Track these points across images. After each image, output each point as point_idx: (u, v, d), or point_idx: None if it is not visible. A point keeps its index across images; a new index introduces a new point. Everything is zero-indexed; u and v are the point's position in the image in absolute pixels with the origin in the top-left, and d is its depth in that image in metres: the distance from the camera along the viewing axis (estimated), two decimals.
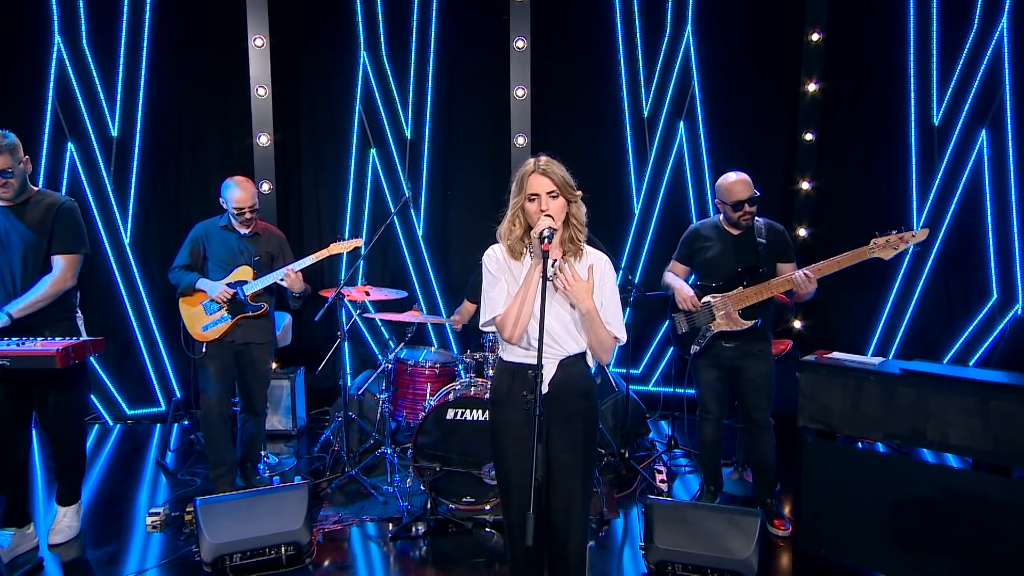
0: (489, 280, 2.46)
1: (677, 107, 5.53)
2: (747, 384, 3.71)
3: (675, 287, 3.77)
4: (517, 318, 2.37)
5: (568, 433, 2.45)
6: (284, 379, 5.07)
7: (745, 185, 3.60)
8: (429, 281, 5.70)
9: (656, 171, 5.63)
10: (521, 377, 2.42)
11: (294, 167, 5.66)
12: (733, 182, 3.61)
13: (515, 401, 2.42)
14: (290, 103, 5.54)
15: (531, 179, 2.36)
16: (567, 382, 2.43)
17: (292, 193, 5.68)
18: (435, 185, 5.71)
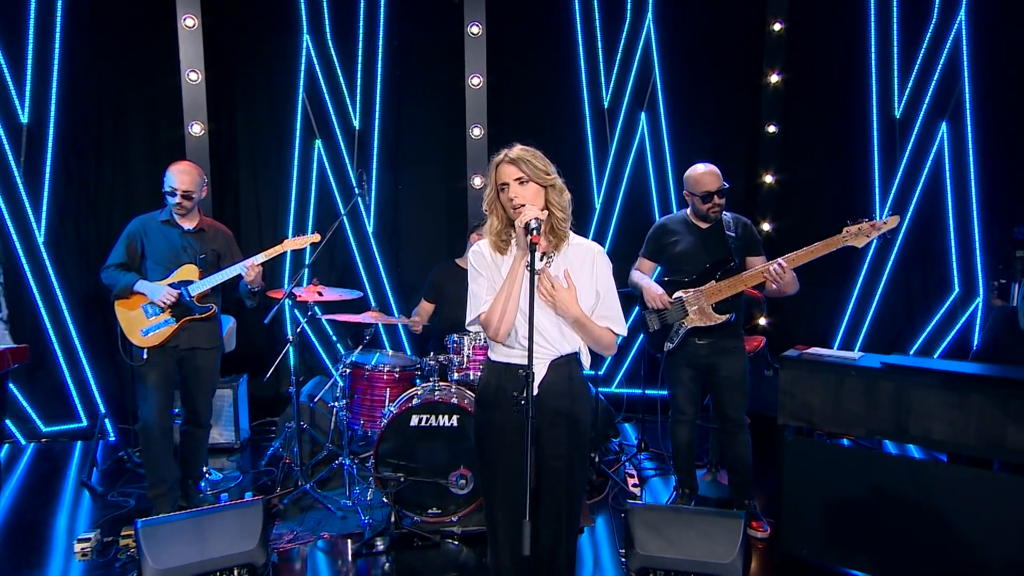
0: (474, 277, 2.45)
1: (638, 98, 5.57)
2: (722, 382, 3.72)
3: (643, 286, 3.77)
4: (503, 314, 2.35)
5: (558, 439, 2.42)
6: (226, 387, 4.92)
7: (714, 176, 3.62)
8: (380, 280, 5.63)
9: (617, 164, 5.66)
10: (510, 377, 2.39)
11: (230, 159, 5.52)
12: (702, 173, 3.63)
13: (503, 403, 2.39)
14: (225, 89, 5.41)
15: (499, 169, 2.37)
16: (558, 384, 2.41)
17: (228, 187, 5.54)
18: (385, 179, 5.63)
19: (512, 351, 2.43)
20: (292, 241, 4.01)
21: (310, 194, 5.51)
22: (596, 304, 2.43)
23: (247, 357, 5.32)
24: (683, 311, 3.71)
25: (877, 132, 5.34)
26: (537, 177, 2.35)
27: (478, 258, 2.46)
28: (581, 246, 2.45)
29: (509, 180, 2.37)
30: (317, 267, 5.47)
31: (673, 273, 3.78)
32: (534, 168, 2.37)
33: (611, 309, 2.45)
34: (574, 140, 5.53)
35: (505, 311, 2.35)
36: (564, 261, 2.43)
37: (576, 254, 2.44)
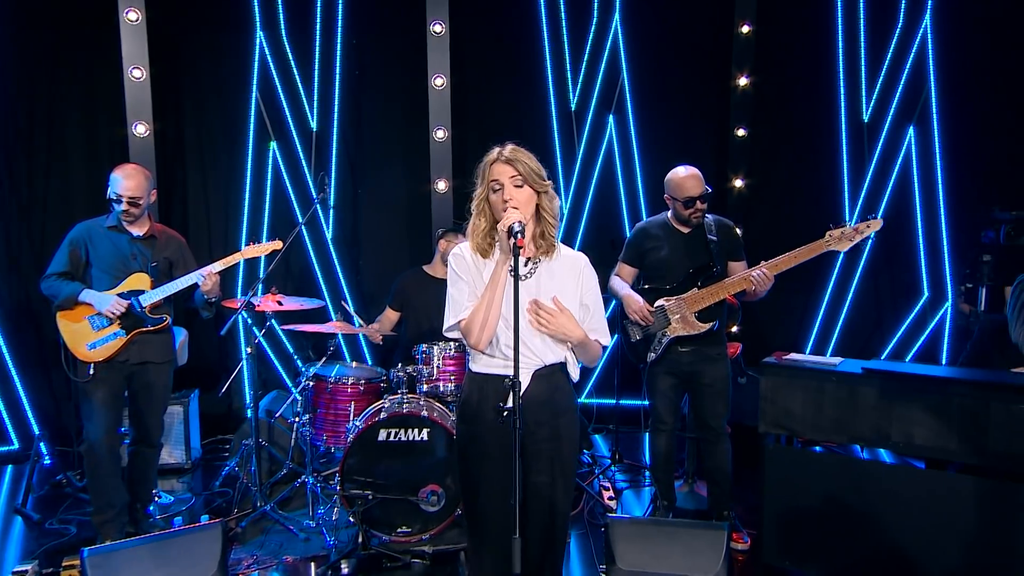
0: (454, 281, 2.41)
1: (606, 100, 5.59)
2: (704, 390, 3.72)
3: (625, 296, 3.75)
4: (484, 321, 2.31)
5: (544, 454, 2.39)
6: (177, 404, 4.79)
7: (697, 180, 3.62)
8: (340, 288, 5.54)
9: (585, 168, 5.66)
10: (492, 389, 2.37)
11: (177, 161, 5.40)
12: (684, 177, 3.62)
13: (485, 417, 2.37)
14: (172, 88, 5.29)
15: (493, 168, 2.34)
16: (543, 395, 2.38)
17: (176, 192, 5.42)
18: (345, 182, 5.56)
19: (493, 360, 2.40)
20: (252, 248, 3.94)
21: (265, 199, 5.42)
22: (584, 317, 2.42)
23: (198, 371, 5.20)
24: (665, 320, 3.70)
25: (846, 136, 5.43)
26: (532, 180, 2.34)
27: (459, 262, 2.42)
28: (569, 257, 2.44)
29: (504, 180, 2.34)
30: (273, 275, 5.23)
31: (654, 280, 3.77)
32: (530, 170, 2.35)
33: (599, 321, 2.46)
34: (541, 143, 5.54)
35: (487, 318, 2.32)
36: (549, 271, 2.41)
37: (562, 265, 2.43)
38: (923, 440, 3.19)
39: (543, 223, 2.38)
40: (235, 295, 5.21)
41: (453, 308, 2.40)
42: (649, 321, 3.65)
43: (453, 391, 4.06)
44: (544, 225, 2.38)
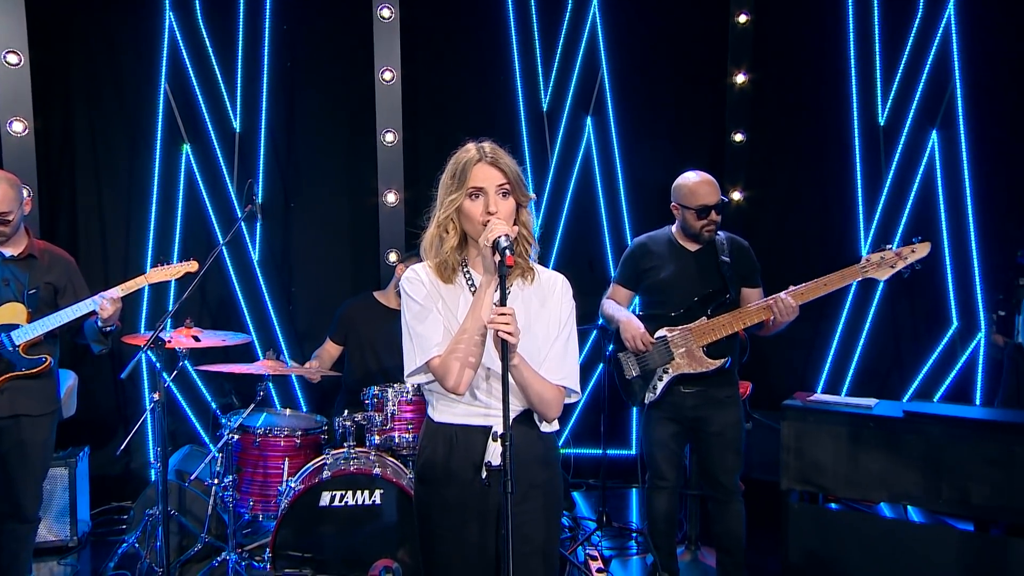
0: (415, 312, 2.31)
1: (583, 100, 5.58)
2: (712, 439, 3.65)
3: (621, 320, 3.70)
4: (465, 360, 2.23)
5: (526, 516, 2.32)
6: (60, 466, 4.53)
7: (712, 187, 3.61)
8: (268, 320, 5.43)
9: (559, 178, 5.64)
10: (464, 443, 2.30)
11: (65, 167, 5.24)
12: (697, 183, 3.61)
13: (455, 476, 2.31)
14: (59, 78, 5.15)
15: (475, 170, 2.26)
16: (527, 447, 2.31)
17: (62, 203, 5.25)
18: (274, 194, 5.45)
19: (465, 408, 2.32)
20: (160, 271, 3.86)
21: (175, 214, 5.28)
22: (545, 351, 2.34)
23: (91, 424, 5.02)
24: (668, 354, 3.66)
25: (859, 141, 5.41)
26: (519, 189, 2.28)
27: (416, 287, 2.33)
28: (547, 280, 2.39)
29: (489, 187, 2.26)
30: (187, 306, 4.98)
31: (655, 305, 3.73)
32: (517, 176, 2.29)
33: (567, 360, 2.35)
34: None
35: (468, 356, 2.22)
36: (525, 298, 2.35)
37: (541, 290, 2.37)
38: (982, 499, 3.07)
39: (520, 240, 2.31)
40: (138, 329, 5.07)
41: (420, 345, 2.29)
42: (645, 349, 3.60)
43: (411, 443, 4.01)
44: (522, 243, 2.32)
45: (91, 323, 3.67)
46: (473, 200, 2.26)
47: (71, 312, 3.61)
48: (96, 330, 3.66)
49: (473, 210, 2.26)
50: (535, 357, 2.30)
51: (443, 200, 2.29)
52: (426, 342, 2.28)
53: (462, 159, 2.28)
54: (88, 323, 3.69)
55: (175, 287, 5.08)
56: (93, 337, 3.71)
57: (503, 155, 2.30)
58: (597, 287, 4.35)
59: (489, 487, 2.14)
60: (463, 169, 2.27)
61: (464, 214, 2.27)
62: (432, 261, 2.35)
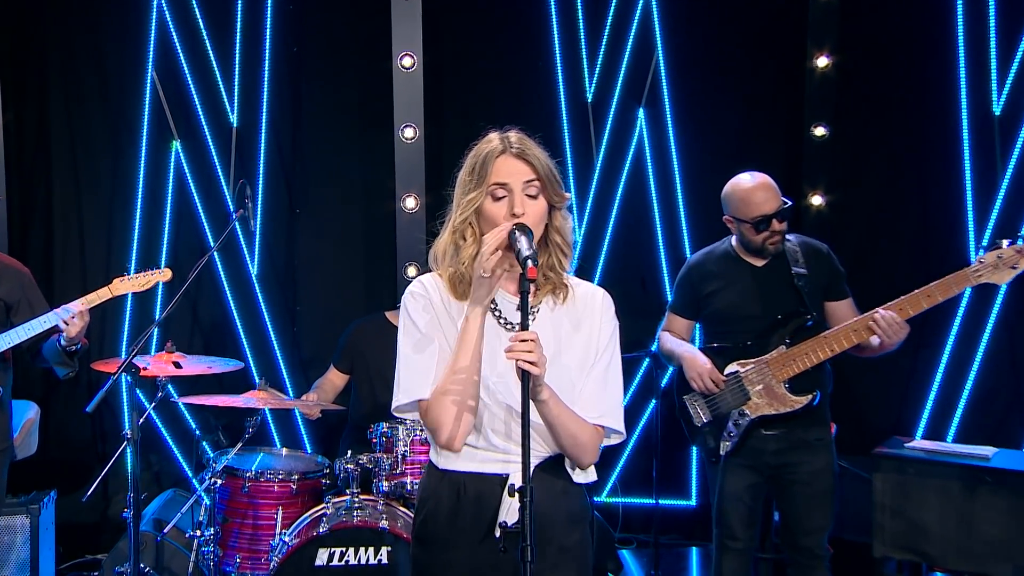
0: (411, 336, 2.27)
1: (634, 89, 5.47)
2: (798, 491, 3.55)
3: (683, 355, 3.65)
4: (461, 408, 2.17)
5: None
6: (19, 513, 4.45)
7: (770, 192, 3.53)
8: (268, 344, 5.43)
9: (606, 179, 5.52)
10: (475, 496, 2.23)
11: (41, 166, 5.32)
12: (751, 188, 3.54)
13: (463, 536, 2.24)
14: (30, 64, 5.23)
15: (498, 164, 2.21)
16: (551, 502, 2.24)
17: (36, 206, 5.33)
18: (277, 199, 5.46)
19: (477, 453, 2.25)
20: (128, 281, 3.88)
21: (163, 217, 5.34)
22: (580, 382, 2.26)
23: (59, 464, 5.11)
24: (742, 394, 3.56)
25: (968, 133, 5.14)
26: (551, 187, 2.23)
27: (419, 304, 2.28)
28: (584, 296, 2.32)
29: (515, 184, 2.19)
30: (172, 325, 5.26)
31: (721, 336, 3.66)
32: (549, 172, 2.23)
33: (607, 393, 2.27)
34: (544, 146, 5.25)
35: (465, 401, 2.16)
36: (555, 319, 2.28)
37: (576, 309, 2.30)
38: None
39: (553, 250, 2.27)
40: (116, 354, 5.08)
41: (411, 379, 2.24)
42: (713, 389, 3.55)
43: None
44: (555, 253, 2.27)
45: (52, 343, 3.67)
46: (496, 201, 2.19)
47: (28, 329, 3.62)
48: (59, 350, 3.65)
49: (495, 212, 2.19)
50: (567, 390, 2.21)
51: (460, 200, 2.24)
52: (418, 376, 2.22)
53: (483, 151, 2.22)
54: (49, 343, 3.69)
55: (162, 304, 5.12)
56: (56, 359, 3.71)
57: (532, 146, 2.24)
58: (650, 308, 4.38)
59: (505, 552, 2.02)
60: (483, 163, 2.20)
61: (484, 217, 2.21)
62: (444, 274, 2.28)
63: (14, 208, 5.09)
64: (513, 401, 2.16)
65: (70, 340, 3.61)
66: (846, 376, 4.73)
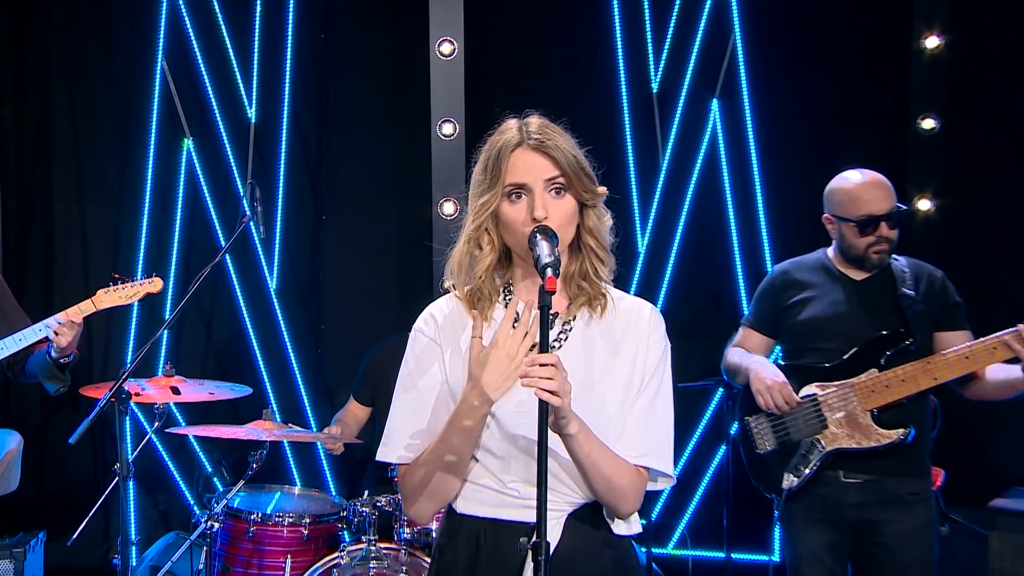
0: (403, 383, 2.27)
1: (707, 77, 5.37)
2: (883, 560, 3.41)
3: (750, 367, 3.57)
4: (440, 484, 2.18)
5: None
6: (2, 557, 4.48)
7: (880, 190, 3.44)
8: (288, 370, 5.39)
9: (674, 181, 5.39)
10: (495, 547, 2.16)
11: (40, 165, 5.37)
12: (859, 185, 3.46)
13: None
14: (30, 53, 5.32)
15: (514, 159, 2.14)
16: (585, 556, 2.17)
17: (35, 208, 5.39)
18: (300, 204, 5.47)
19: (498, 496, 2.17)
20: (113, 293, 3.87)
21: (173, 222, 5.35)
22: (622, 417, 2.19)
23: (51, 502, 5.13)
24: (818, 420, 3.45)
25: None
26: (579, 182, 2.13)
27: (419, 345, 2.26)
28: (627, 311, 2.24)
29: (535, 181, 2.11)
30: (183, 346, 5.39)
31: (802, 354, 3.56)
32: (575, 164, 2.13)
33: (653, 428, 2.19)
34: (604, 141, 5.31)
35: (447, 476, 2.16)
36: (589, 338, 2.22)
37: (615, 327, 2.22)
38: None
39: (587, 255, 2.20)
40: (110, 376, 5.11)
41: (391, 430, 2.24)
42: (783, 407, 3.46)
43: None
44: (589, 258, 2.20)
45: (40, 355, 3.70)
46: (514, 201, 2.11)
47: (12, 343, 3.68)
48: (48, 363, 3.67)
49: (513, 216, 2.11)
50: (604, 423, 2.12)
51: (474, 203, 2.20)
52: (397, 435, 2.20)
53: (496, 144, 2.16)
54: (36, 355, 3.73)
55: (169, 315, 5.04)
56: (45, 372, 3.73)
57: (555, 133, 2.15)
58: (723, 330, 4.21)
59: None
60: (497, 159, 2.13)
61: (503, 222, 2.14)
62: (460, 288, 2.22)
63: (11, 210, 5.14)
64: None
65: (61, 351, 3.62)
66: (958, 414, 4.61)
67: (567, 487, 2.15)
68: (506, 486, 2.15)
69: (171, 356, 5.17)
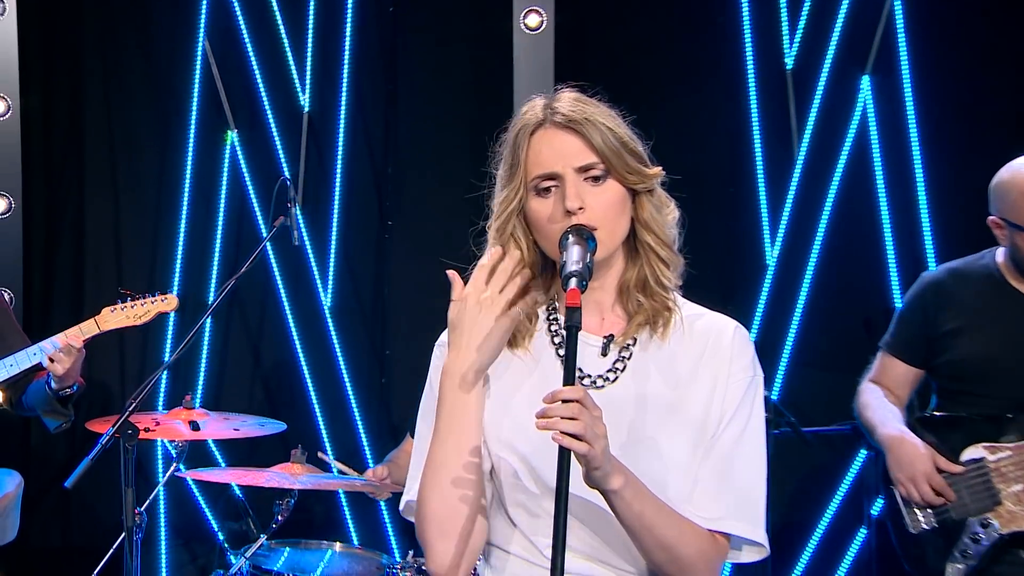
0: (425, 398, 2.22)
1: (855, 52, 5.10)
2: None
3: (888, 441, 3.41)
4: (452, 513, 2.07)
5: None
6: None
7: None
8: (344, 401, 5.28)
9: (812, 172, 5.14)
10: None
11: (71, 160, 5.43)
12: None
13: None
14: (54, 41, 5.38)
15: (537, 141, 2.06)
16: None
17: (66, 208, 5.44)
18: (360, 206, 5.42)
19: (525, 567, 2.09)
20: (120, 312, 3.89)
21: (215, 224, 5.34)
22: (694, 468, 2.06)
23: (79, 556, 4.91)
24: (988, 494, 3.27)
25: None
26: (623, 164, 2.02)
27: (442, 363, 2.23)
28: (705, 331, 2.13)
29: (566, 168, 2.01)
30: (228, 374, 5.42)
31: (962, 400, 3.40)
32: (615, 142, 2.01)
33: (739, 484, 2.06)
34: (723, 132, 5.27)
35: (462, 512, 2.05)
36: (652, 365, 2.10)
37: (687, 352, 2.11)
38: None
39: (645, 256, 2.08)
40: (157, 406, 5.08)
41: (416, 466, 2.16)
42: (934, 502, 3.31)
43: None
44: (648, 261, 2.08)
45: (40, 385, 3.71)
46: (543, 196, 2.02)
47: (3, 369, 3.71)
48: (48, 395, 3.68)
49: (542, 212, 2.02)
50: (669, 477, 1.99)
51: (499, 200, 2.12)
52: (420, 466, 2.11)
53: (516, 126, 2.08)
54: (35, 385, 3.74)
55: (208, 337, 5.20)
56: (44, 406, 3.75)
57: (588, 106, 2.04)
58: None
59: None
60: (516, 144, 2.04)
61: (531, 220, 2.05)
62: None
63: (37, 212, 5.25)
64: (578, 490, 1.89)
65: (60, 381, 3.61)
66: None
67: (620, 558, 2.00)
68: (541, 553, 2.00)
69: (213, 388, 5.33)
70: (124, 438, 3.47)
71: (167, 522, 5.08)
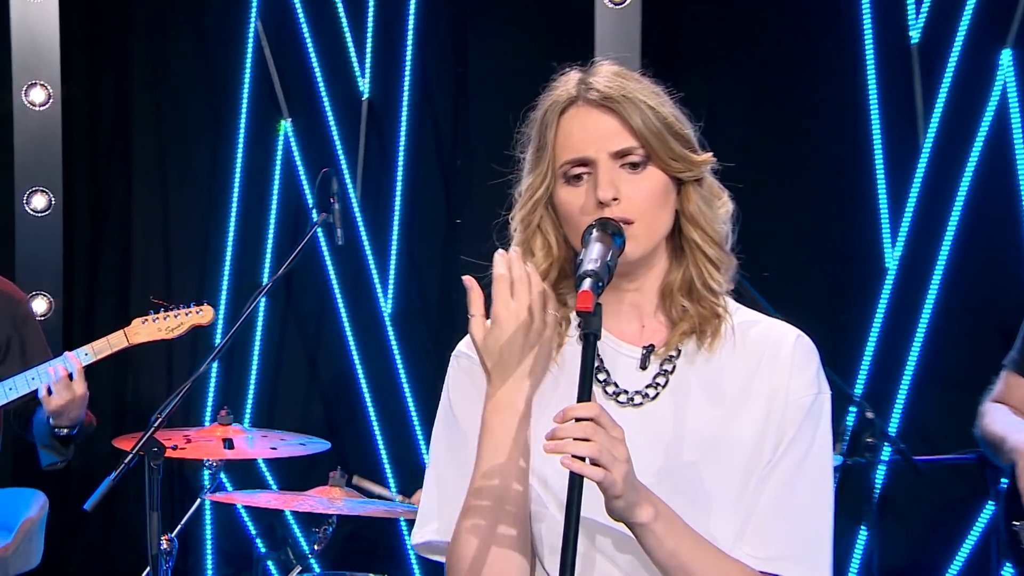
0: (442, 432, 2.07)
1: (990, 23, 4.95)
2: None
3: (1016, 447, 3.34)
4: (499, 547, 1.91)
5: None
6: None
7: None
8: (406, 415, 5.29)
9: (941, 156, 5.00)
10: None
11: (116, 153, 5.53)
12: None
13: None
14: (99, 25, 5.48)
15: (567, 122, 1.93)
16: None
17: (112, 204, 5.52)
18: (425, 202, 5.46)
19: None
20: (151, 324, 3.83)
21: (267, 221, 5.39)
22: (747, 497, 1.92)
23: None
24: None
25: None
26: (666, 149, 1.90)
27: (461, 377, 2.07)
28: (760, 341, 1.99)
29: (599, 152, 1.87)
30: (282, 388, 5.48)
31: None
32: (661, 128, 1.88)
33: (797, 519, 1.92)
34: (835, 114, 5.21)
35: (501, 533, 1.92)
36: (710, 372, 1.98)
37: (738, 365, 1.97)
38: None
39: (692, 255, 1.96)
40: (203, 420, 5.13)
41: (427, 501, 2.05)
42: None
43: None
44: (695, 261, 1.96)
45: (40, 415, 3.70)
46: (573, 184, 1.92)
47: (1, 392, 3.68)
48: (46, 429, 3.66)
49: (572, 203, 1.92)
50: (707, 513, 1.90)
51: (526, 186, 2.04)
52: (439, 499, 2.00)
53: (546, 103, 1.99)
54: (38, 414, 3.72)
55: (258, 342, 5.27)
56: (43, 439, 3.74)
57: (628, 81, 1.90)
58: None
59: None
60: (544, 122, 1.94)
61: (560, 212, 1.96)
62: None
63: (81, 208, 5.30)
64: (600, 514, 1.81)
65: (55, 418, 3.57)
66: None
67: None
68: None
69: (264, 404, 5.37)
70: (149, 456, 3.34)
71: (214, 548, 5.07)
